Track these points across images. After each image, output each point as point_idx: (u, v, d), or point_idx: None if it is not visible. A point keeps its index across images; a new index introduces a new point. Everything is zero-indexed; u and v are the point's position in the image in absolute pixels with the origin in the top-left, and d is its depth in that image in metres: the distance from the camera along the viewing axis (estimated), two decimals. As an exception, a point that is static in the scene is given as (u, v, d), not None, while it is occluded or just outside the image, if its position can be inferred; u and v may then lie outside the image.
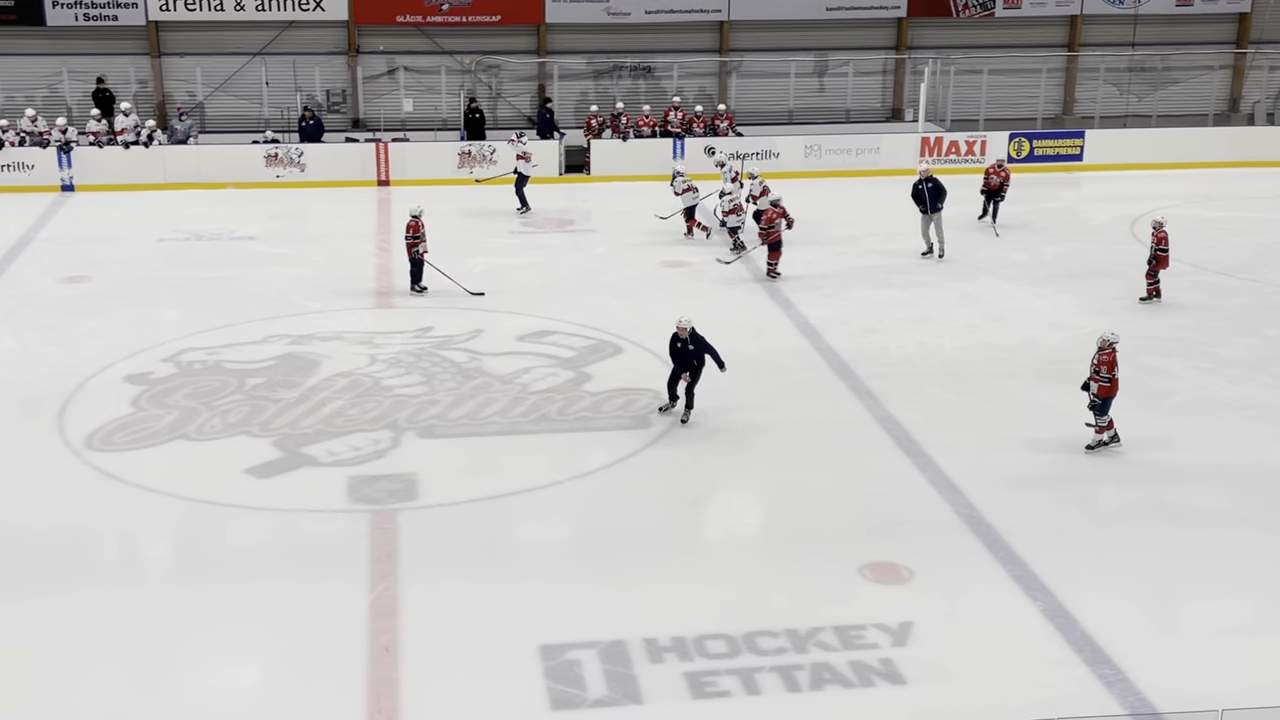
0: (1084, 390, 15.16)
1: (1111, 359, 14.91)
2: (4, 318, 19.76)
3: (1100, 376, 14.94)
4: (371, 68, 32.33)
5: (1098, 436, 15.19)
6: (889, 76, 34.18)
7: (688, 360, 15.73)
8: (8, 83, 31.12)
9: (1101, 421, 15.14)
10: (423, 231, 20.90)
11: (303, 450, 15.21)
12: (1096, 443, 15.18)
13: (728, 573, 12.81)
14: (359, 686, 10.80)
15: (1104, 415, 15.10)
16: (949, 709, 10.59)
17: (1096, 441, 15.19)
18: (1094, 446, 15.18)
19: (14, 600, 12.04)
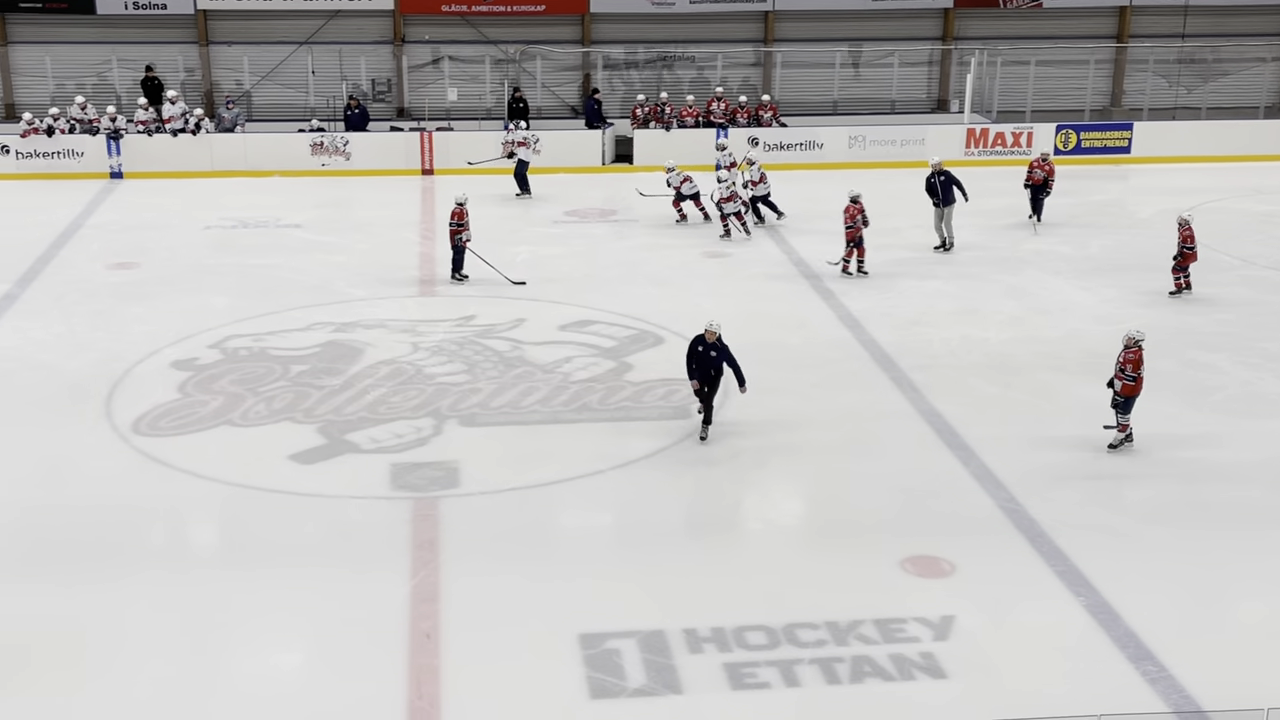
0: (1109, 388, 14.96)
1: (1138, 357, 14.67)
2: (53, 303, 19.99)
3: (1125, 375, 14.70)
4: (416, 57, 32.45)
5: (1119, 435, 14.96)
6: (935, 67, 33.95)
7: (707, 368, 14.96)
8: (59, 70, 31.46)
9: (1123, 420, 14.90)
10: (467, 220, 20.99)
11: (346, 437, 15.31)
12: (1119, 441, 14.97)
13: (768, 564, 12.80)
14: (400, 672, 10.87)
15: (1127, 414, 14.87)
16: (990, 703, 10.52)
17: (1119, 440, 14.96)
18: (1116, 446, 14.95)
19: (63, 583, 12.20)
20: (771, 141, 29.71)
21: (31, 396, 16.40)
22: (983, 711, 10.36)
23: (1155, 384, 16.82)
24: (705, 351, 14.93)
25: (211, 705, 10.48)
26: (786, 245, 23.49)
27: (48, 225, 24.25)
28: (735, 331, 18.74)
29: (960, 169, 28.70)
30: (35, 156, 27.83)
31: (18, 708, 10.38)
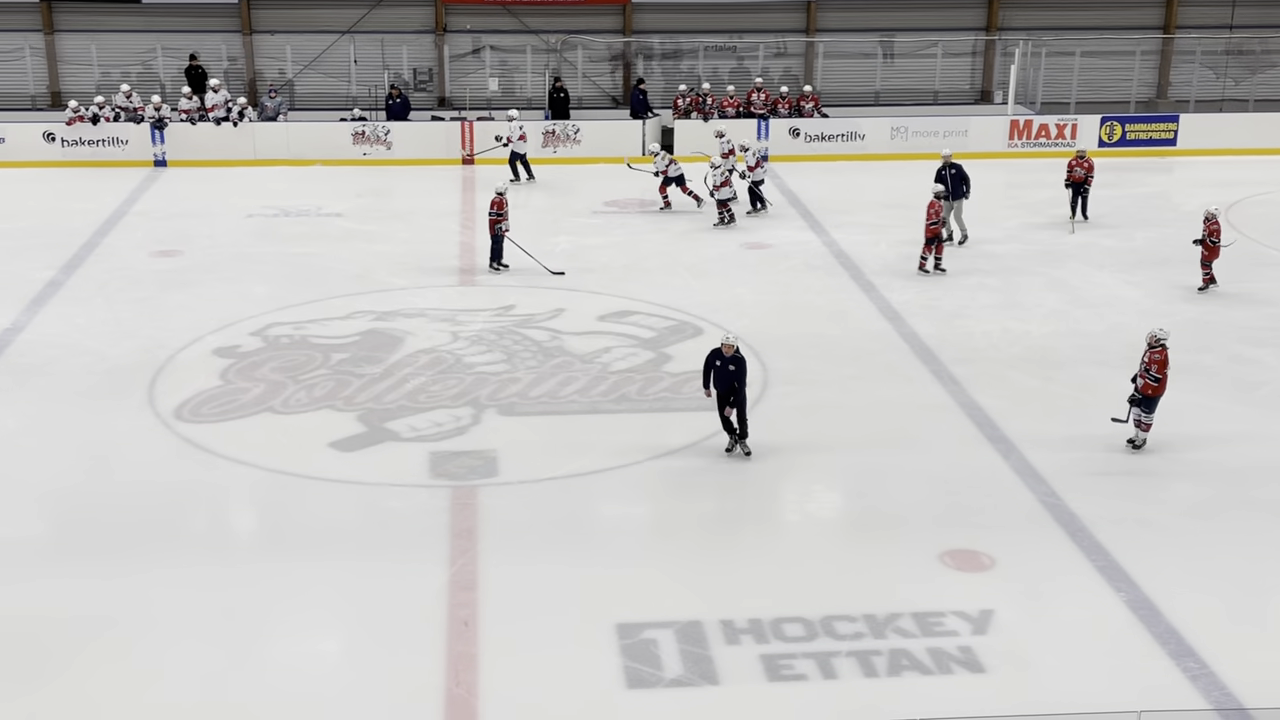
0: (1133, 383, 14.71)
1: (1164, 357, 14.37)
2: (98, 290, 20.18)
3: (1149, 375, 14.42)
4: (458, 46, 32.52)
5: (1143, 434, 14.68)
6: (978, 58, 33.71)
7: (728, 382, 14.30)
8: (104, 59, 31.74)
9: (1147, 419, 14.61)
10: (506, 209, 21.02)
11: (385, 425, 15.39)
12: (1142, 440, 14.70)
13: (806, 556, 12.77)
14: (438, 659, 10.92)
15: (1151, 413, 14.57)
16: (1029, 699, 10.46)
17: (1142, 439, 14.68)
18: (1139, 446, 14.69)
19: (106, 566, 12.32)
20: (813, 132, 29.58)
21: (76, 383, 16.56)
22: (1021, 707, 10.29)
23: (1200, 378, 16.70)
24: (724, 366, 14.33)
25: (250, 690, 10.56)
26: (827, 236, 23.40)
27: (92, 213, 24.48)
28: (774, 323, 18.82)
29: (1003, 161, 28.66)
30: (80, 144, 28.09)
31: (61, 688, 10.49)
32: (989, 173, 27.85)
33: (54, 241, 22.53)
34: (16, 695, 10.41)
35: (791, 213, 25.20)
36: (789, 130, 29.51)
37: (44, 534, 13.33)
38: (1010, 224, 23.25)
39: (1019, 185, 26.72)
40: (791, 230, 23.87)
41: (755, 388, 16.51)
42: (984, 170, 27.76)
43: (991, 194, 23.53)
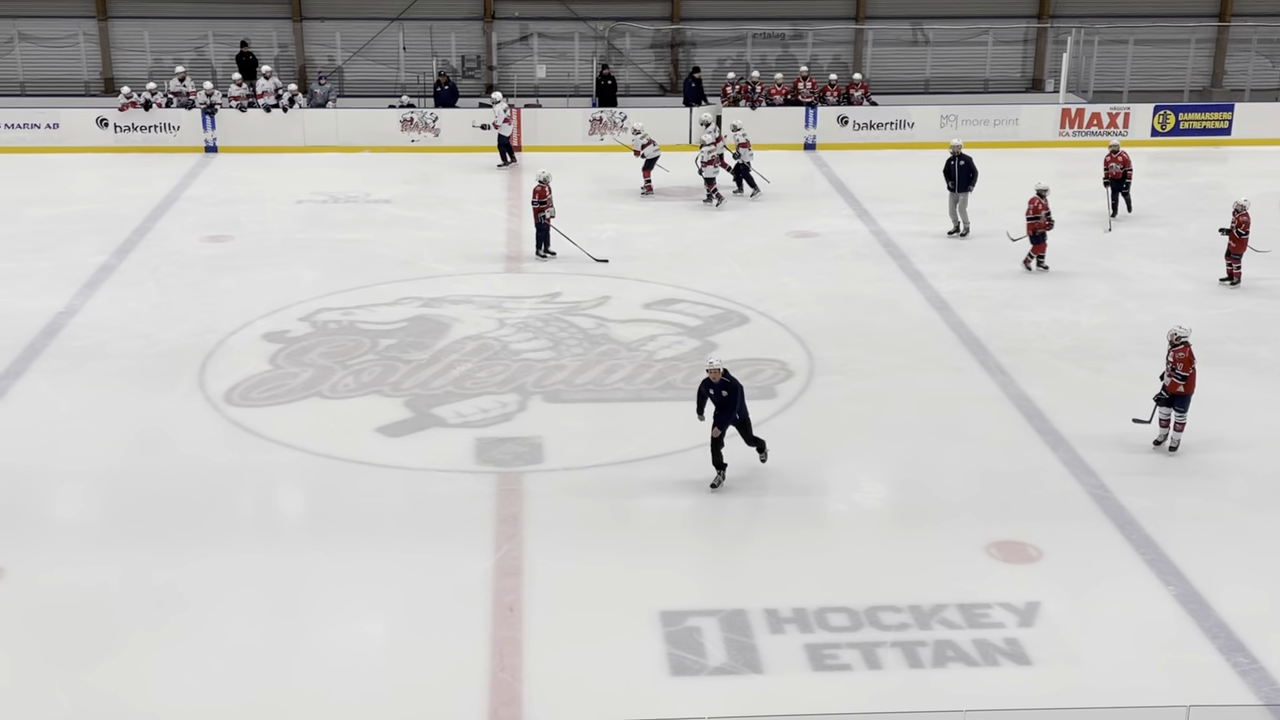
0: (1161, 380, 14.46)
1: (1187, 355, 14.09)
2: (149, 275, 20.39)
3: (1175, 374, 14.14)
4: (506, 34, 32.56)
5: (1176, 435, 14.32)
6: (1030, 45, 33.39)
7: (725, 409, 13.30)
8: (156, 46, 32.01)
9: (1181, 419, 14.28)
10: (549, 197, 21.04)
11: (432, 411, 15.46)
12: (1175, 442, 14.35)
13: (851, 546, 12.73)
14: (483, 644, 10.97)
15: (1184, 412, 14.25)
16: (1075, 692, 10.39)
17: (1175, 441, 14.33)
18: (1174, 447, 14.36)
19: (154, 548, 12.46)
20: (861, 120, 29.42)
21: (128, 366, 16.74)
22: (1068, 700, 10.23)
23: (1252, 370, 16.49)
24: (716, 393, 13.37)
25: (295, 672, 10.66)
26: (875, 225, 23.28)
27: (144, 198, 24.72)
28: (821, 312, 18.76)
29: (1054, 150, 28.40)
30: (133, 130, 28.37)
31: (109, 669, 10.63)
32: (1039, 162, 27.67)
33: (107, 226, 22.78)
34: (72, 673, 10.56)
35: (839, 201, 25.10)
36: (837, 118, 29.36)
37: (96, 516, 13.50)
38: (1060, 214, 22.96)
39: (1070, 175, 26.44)
40: (839, 219, 23.77)
41: (801, 377, 16.52)
42: (1034, 160, 27.63)
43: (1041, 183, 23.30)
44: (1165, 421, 14.43)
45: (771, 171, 26.16)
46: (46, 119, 28.34)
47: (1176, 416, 14.36)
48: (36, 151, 27.94)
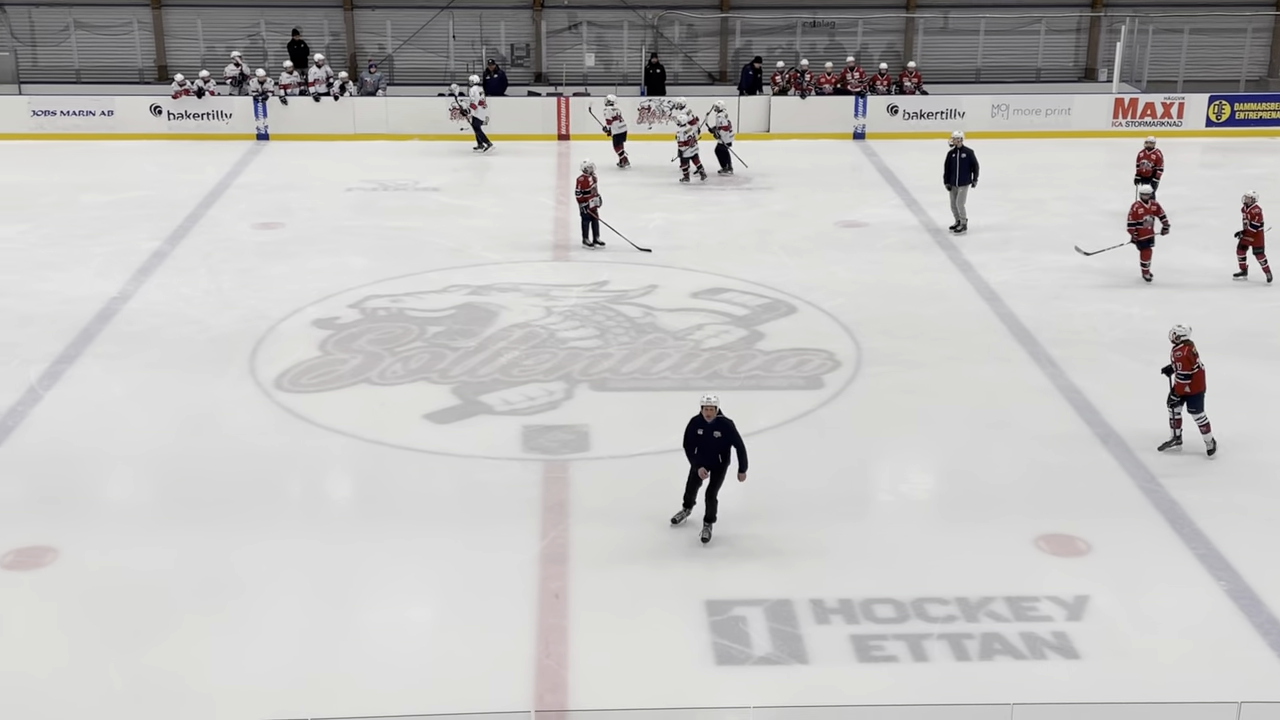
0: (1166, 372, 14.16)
1: (1186, 354, 13.79)
2: (201, 261, 20.59)
3: (1180, 374, 13.85)
4: (555, 22, 32.59)
5: (1208, 435, 13.99)
6: (1083, 35, 33.06)
7: (712, 453, 12.16)
8: (209, 34, 32.28)
9: (1201, 420, 13.95)
10: (593, 186, 21.02)
11: (479, 398, 15.53)
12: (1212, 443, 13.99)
13: (898, 537, 12.68)
14: (528, 631, 11.02)
15: (1199, 412, 13.91)
16: (1124, 686, 10.30)
17: (1211, 441, 14.01)
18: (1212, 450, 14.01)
19: (205, 531, 12.60)
20: (911, 109, 29.25)
21: (179, 351, 16.92)
22: (1117, 695, 10.14)
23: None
24: (707, 434, 12.17)
25: (343, 656, 10.73)
26: (925, 215, 23.15)
27: (197, 185, 24.96)
28: (869, 302, 18.68)
29: (1106, 140, 28.11)
30: (186, 118, 28.65)
31: (161, 650, 10.76)
32: (1091, 152, 27.45)
33: (160, 212, 23.02)
34: (125, 654, 10.70)
35: (889, 191, 24.97)
36: (887, 108, 29.21)
37: (148, 499, 13.67)
38: (1112, 205, 22.77)
39: (1122, 165, 26.07)
40: (888, 208, 23.65)
41: (849, 367, 16.46)
42: (1086, 149, 27.39)
43: (1093, 174, 23.13)
44: (1177, 422, 14.09)
45: (820, 161, 26.11)
46: (101, 106, 28.67)
47: (1195, 417, 13.99)
48: (91, 138, 28.26)
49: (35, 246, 21.21)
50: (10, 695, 10.17)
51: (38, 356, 16.54)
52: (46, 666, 10.54)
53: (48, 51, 32.34)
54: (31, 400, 15.37)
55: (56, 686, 10.29)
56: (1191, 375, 13.82)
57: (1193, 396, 13.89)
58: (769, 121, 29.26)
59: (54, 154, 27.33)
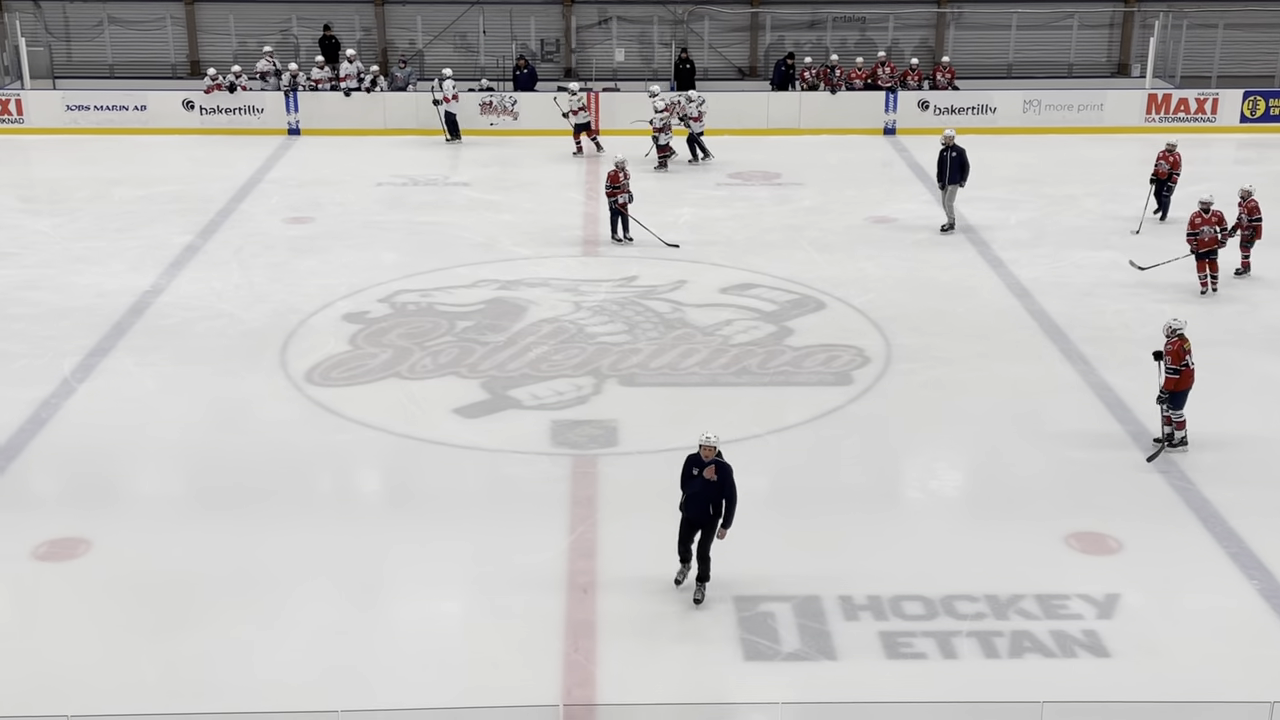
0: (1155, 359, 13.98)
1: (1178, 349, 13.65)
2: (233, 255, 20.69)
3: (1168, 368, 13.70)
4: (585, 17, 32.60)
5: (1181, 433, 13.88)
6: (1116, 30, 32.83)
7: (703, 500, 11.10)
8: (241, 29, 32.43)
9: (1178, 417, 13.86)
10: (623, 182, 21.01)
11: (508, 393, 15.56)
12: (1180, 440, 13.87)
13: (927, 534, 12.64)
14: (557, 625, 11.04)
15: (1179, 410, 13.81)
16: (1154, 685, 10.24)
17: (1180, 438, 13.87)
18: (1178, 444, 13.86)
19: (235, 523, 12.69)
20: (942, 105, 29.09)
21: (211, 344, 17.02)
22: (1148, 693, 10.08)
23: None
24: (700, 476, 11.15)
25: (371, 649, 10.77)
26: (955, 211, 23.01)
27: (229, 179, 25.09)
28: (899, 298, 18.61)
29: (1139, 136, 27.90)
30: (218, 112, 28.77)
31: (192, 641, 10.84)
32: (1124, 148, 27.25)
33: (192, 207, 23.15)
34: (157, 645, 10.78)
35: (919, 187, 24.86)
36: (918, 103, 29.07)
37: (179, 492, 13.76)
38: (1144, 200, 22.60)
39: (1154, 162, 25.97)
40: (918, 204, 23.55)
41: (878, 363, 16.41)
42: (1119, 145, 27.22)
43: (1126, 170, 22.97)
44: (1169, 420, 13.97)
45: (850, 157, 26.04)
46: (134, 101, 28.83)
47: (1174, 415, 13.86)
48: (124, 133, 28.42)
49: (69, 240, 21.38)
50: (43, 685, 10.27)
51: (71, 350, 16.68)
52: (79, 657, 10.63)
53: (82, 47, 32.59)
54: (65, 393, 15.50)
55: (89, 676, 10.38)
56: (1180, 371, 13.69)
57: (1176, 393, 13.78)
58: (800, 117, 29.15)
59: (88, 148, 27.52)
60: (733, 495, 11.13)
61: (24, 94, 28.98)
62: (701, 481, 11.08)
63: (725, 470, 11.12)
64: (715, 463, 11.09)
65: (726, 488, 11.08)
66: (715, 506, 11.12)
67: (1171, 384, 13.73)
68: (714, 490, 11.07)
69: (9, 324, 17.59)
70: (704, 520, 11.16)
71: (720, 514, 11.16)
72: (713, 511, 11.14)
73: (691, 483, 11.18)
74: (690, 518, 11.21)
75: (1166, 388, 13.75)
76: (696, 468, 11.18)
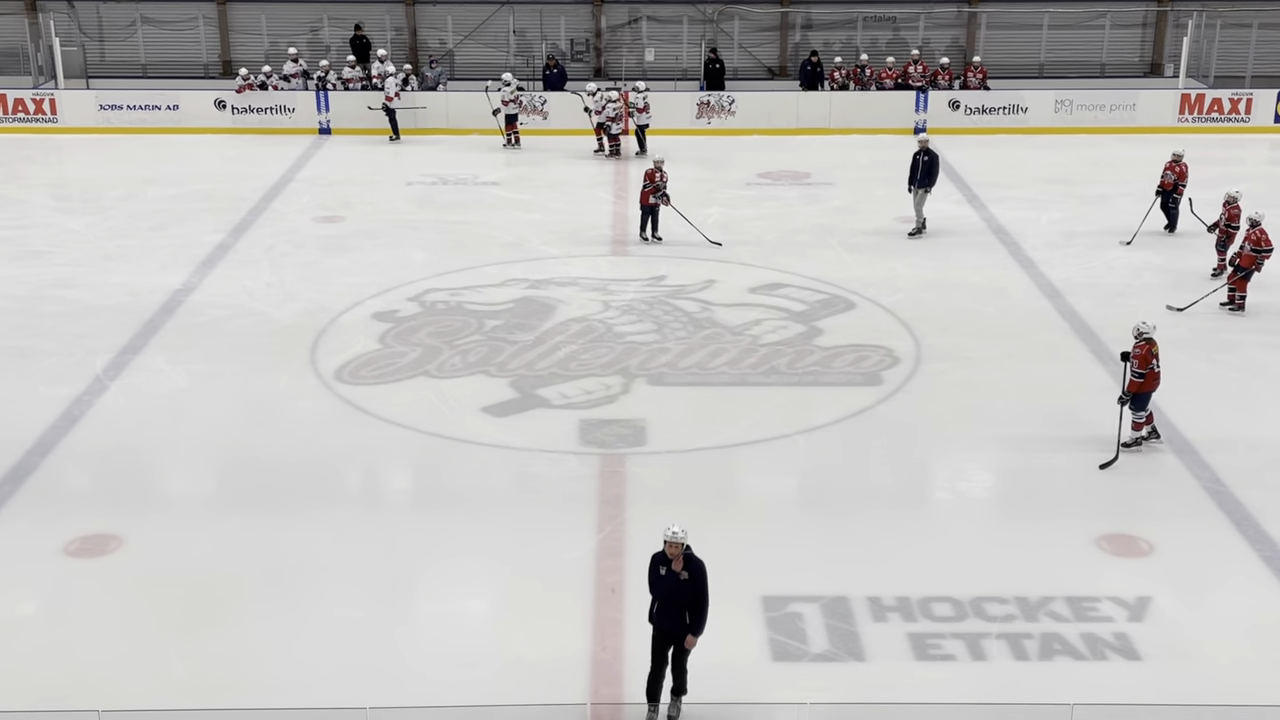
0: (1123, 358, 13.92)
1: (1145, 352, 13.62)
2: (264, 254, 20.79)
3: (1135, 372, 13.64)
4: (615, 17, 32.61)
5: (1135, 434, 13.91)
6: (1148, 29, 32.61)
7: (679, 605, 9.70)
8: (273, 28, 32.59)
9: (1139, 417, 13.87)
10: (658, 180, 21.01)
11: (537, 392, 15.57)
12: (1134, 440, 13.90)
13: (956, 535, 12.58)
14: (584, 623, 11.05)
15: (1140, 411, 13.81)
16: (1186, 688, 10.17)
17: (1134, 439, 13.90)
18: (1130, 444, 13.87)
19: (266, 520, 12.74)
20: (973, 105, 28.97)
21: (243, 342, 17.11)
22: (1179, 697, 10.01)
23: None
24: (671, 576, 9.76)
25: (399, 648, 10.80)
26: (986, 211, 22.93)
27: (260, 178, 25.21)
28: (929, 299, 18.54)
29: (1172, 137, 27.69)
30: (249, 112, 28.92)
31: (221, 638, 10.89)
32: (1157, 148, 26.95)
33: (223, 206, 23.28)
34: (186, 641, 10.83)
35: (949, 187, 24.72)
36: (949, 103, 28.95)
37: (209, 489, 13.84)
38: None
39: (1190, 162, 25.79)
40: (949, 204, 23.44)
41: (908, 364, 16.35)
42: (1151, 146, 26.96)
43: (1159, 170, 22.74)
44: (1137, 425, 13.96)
45: (880, 157, 25.94)
46: (167, 100, 29.01)
47: (1134, 415, 13.87)
48: (157, 132, 28.62)
49: (102, 239, 21.53)
50: (74, 680, 10.34)
51: (104, 347, 16.79)
52: (109, 652, 10.70)
53: (115, 47, 32.82)
54: (97, 390, 15.60)
55: (118, 672, 10.45)
56: (1144, 375, 13.67)
57: (1139, 395, 13.74)
58: (830, 116, 29.08)
59: (120, 148, 27.72)
60: (704, 598, 9.69)
61: (58, 94, 29.22)
62: (672, 581, 9.66)
63: (698, 566, 9.73)
64: (688, 562, 9.71)
65: (700, 587, 9.68)
66: (687, 605, 9.67)
67: (1135, 387, 13.70)
68: (686, 591, 9.63)
69: (42, 322, 17.73)
70: (680, 632, 9.71)
71: (697, 614, 9.69)
72: (688, 619, 9.70)
73: (660, 584, 9.74)
74: (665, 631, 9.72)
75: (1130, 389, 13.71)
76: (663, 566, 9.76)
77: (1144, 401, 13.83)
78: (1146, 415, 13.94)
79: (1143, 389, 13.72)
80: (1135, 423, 13.94)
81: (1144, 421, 13.96)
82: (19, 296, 18.68)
